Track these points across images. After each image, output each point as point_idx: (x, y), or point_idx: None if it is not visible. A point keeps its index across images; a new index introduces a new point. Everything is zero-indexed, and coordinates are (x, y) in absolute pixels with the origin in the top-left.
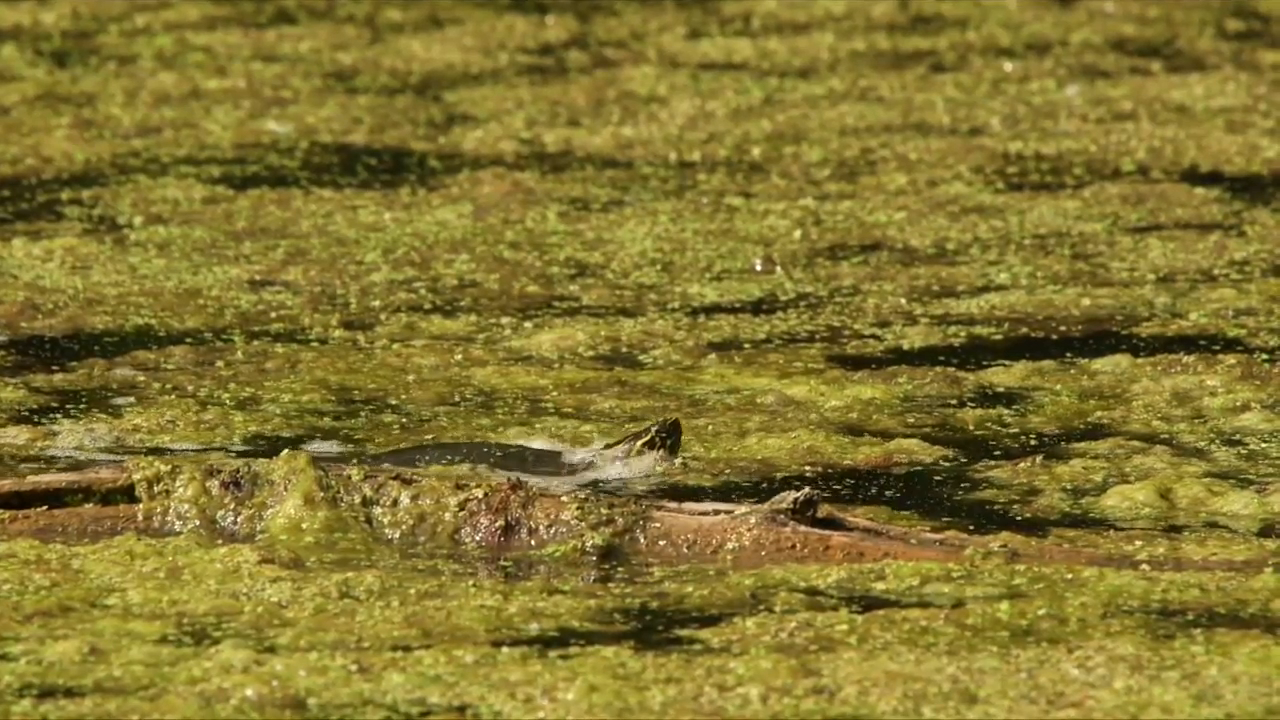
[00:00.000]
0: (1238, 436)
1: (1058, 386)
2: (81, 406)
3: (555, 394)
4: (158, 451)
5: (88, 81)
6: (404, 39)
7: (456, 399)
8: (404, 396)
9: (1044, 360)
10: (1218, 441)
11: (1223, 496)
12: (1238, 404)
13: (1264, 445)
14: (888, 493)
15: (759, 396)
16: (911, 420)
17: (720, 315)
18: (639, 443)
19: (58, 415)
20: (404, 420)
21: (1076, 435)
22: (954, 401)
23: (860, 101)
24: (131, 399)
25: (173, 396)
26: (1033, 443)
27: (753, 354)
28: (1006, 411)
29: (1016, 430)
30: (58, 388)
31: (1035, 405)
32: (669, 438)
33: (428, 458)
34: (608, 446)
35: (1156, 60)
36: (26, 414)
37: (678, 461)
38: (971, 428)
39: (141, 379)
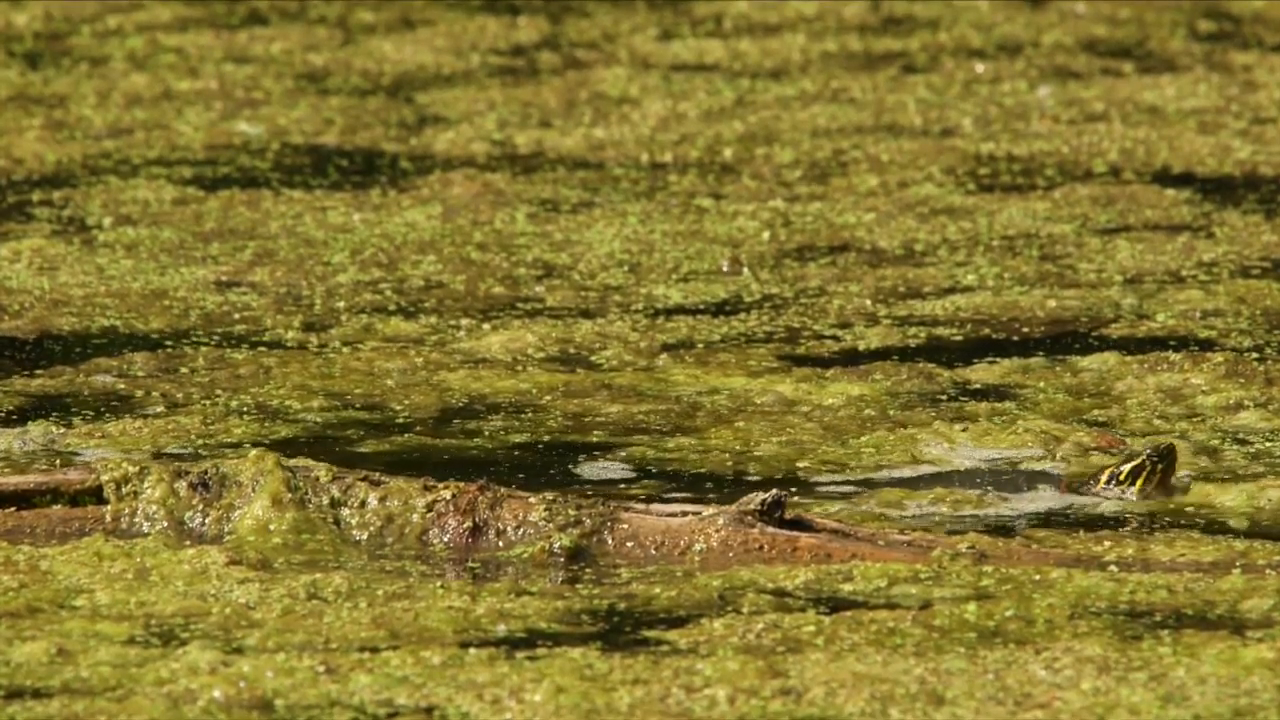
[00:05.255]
0: (1241, 435)
1: (1041, 384)
2: (45, 409)
3: (548, 399)
4: (72, 455)
5: (60, 83)
6: (376, 40)
7: (456, 405)
8: (407, 402)
9: (1014, 359)
10: (1226, 440)
11: (1220, 494)
12: (1231, 402)
13: (1269, 444)
14: (933, 485)
15: (756, 396)
16: (928, 415)
17: (680, 316)
18: (1129, 466)
19: (29, 417)
20: (410, 428)
21: (1020, 434)
22: (943, 397)
23: (832, 103)
24: (108, 402)
25: (151, 404)
26: (1038, 441)
27: (711, 354)
28: (1008, 408)
29: (1021, 428)
30: (22, 390)
31: (1030, 403)
32: (1161, 462)
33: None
34: (1098, 473)
35: (1128, 61)
36: None
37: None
38: (982, 420)
39: (123, 385)
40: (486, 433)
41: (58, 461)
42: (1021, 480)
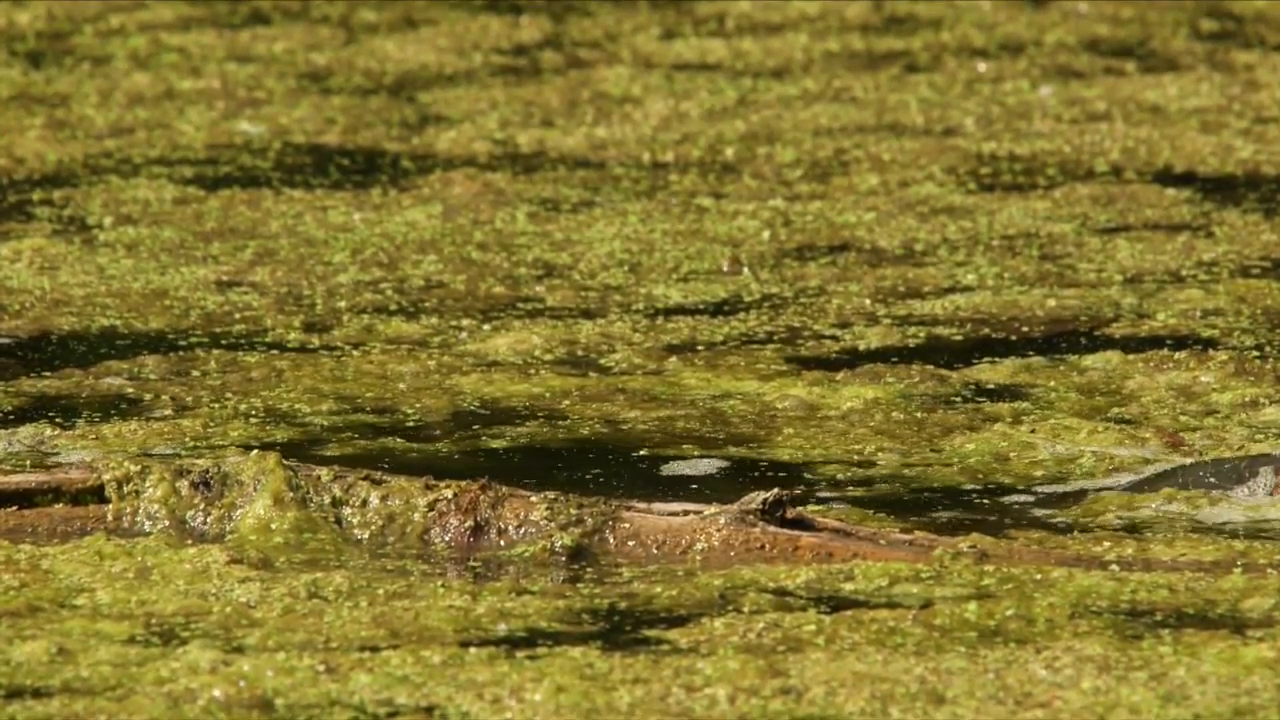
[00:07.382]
0: (1274, 431)
1: (1051, 383)
2: (49, 412)
3: (566, 404)
4: (48, 456)
5: (62, 82)
6: (378, 40)
7: (472, 409)
8: (419, 405)
9: (1015, 359)
10: (1267, 437)
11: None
12: (1247, 400)
13: None
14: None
15: (776, 401)
16: (958, 417)
17: (681, 317)
18: None
19: (29, 419)
20: (429, 432)
21: (1102, 433)
22: (957, 399)
23: (834, 102)
24: (116, 405)
25: (160, 408)
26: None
27: (717, 356)
28: (1027, 408)
29: (1100, 426)
30: (28, 392)
31: (1046, 403)
32: None
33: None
34: None
35: (1130, 61)
36: None
37: None
38: (1008, 421)
39: (131, 389)
40: (509, 438)
41: (27, 463)
42: (1242, 466)
